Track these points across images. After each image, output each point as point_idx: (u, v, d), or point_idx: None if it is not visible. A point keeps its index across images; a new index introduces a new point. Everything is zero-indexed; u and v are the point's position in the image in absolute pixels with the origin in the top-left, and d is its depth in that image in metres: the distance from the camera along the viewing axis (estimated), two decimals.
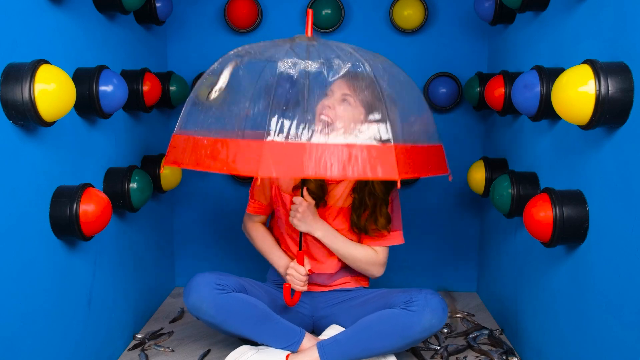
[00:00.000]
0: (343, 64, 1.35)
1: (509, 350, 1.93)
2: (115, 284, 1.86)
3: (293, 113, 1.28)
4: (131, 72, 1.92)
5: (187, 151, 1.32)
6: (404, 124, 1.36)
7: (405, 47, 2.45)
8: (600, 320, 1.35)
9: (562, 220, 1.43)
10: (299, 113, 1.28)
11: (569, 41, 1.57)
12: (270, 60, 1.40)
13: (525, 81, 1.62)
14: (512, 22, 2.09)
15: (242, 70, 1.43)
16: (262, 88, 1.38)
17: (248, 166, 1.24)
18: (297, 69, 1.34)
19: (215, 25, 2.46)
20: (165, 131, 2.43)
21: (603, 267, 1.34)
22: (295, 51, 1.38)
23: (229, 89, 1.40)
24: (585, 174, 1.45)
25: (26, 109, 1.23)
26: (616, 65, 1.25)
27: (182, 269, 2.59)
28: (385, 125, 1.29)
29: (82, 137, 1.63)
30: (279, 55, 1.38)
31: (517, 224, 1.97)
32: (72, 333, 1.56)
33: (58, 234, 1.45)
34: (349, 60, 1.37)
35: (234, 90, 1.40)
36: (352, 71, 1.36)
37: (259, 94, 1.37)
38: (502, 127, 2.19)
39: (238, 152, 1.26)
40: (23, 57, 1.29)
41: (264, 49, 1.46)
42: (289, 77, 1.34)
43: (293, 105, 1.31)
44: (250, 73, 1.42)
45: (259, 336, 1.80)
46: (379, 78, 1.36)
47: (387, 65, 1.44)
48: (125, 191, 1.76)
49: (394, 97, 1.36)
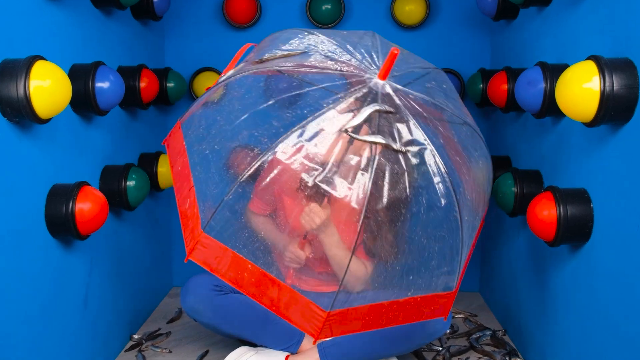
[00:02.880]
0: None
1: (512, 351, 1.94)
2: (111, 283, 1.86)
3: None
4: (128, 69, 1.92)
5: (223, 262, 1.29)
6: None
7: (407, 43, 2.44)
8: (605, 321, 1.35)
9: (566, 219, 1.43)
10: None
11: (573, 37, 1.57)
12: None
13: (529, 77, 1.62)
14: (515, 18, 2.09)
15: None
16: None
17: (304, 324, 1.27)
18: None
19: (214, 21, 2.46)
20: (162, 128, 2.43)
21: (608, 267, 1.34)
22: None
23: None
24: (590, 172, 1.45)
25: (21, 105, 1.23)
26: (621, 61, 1.25)
27: (180, 269, 2.59)
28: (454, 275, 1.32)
29: (78, 134, 1.63)
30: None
31: (520, 223, 1.97)
32: (67, 334, 1.56)
33: (53, 232, 1.45)
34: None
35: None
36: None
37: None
38: (505, 124, 2.19)
39: (292, 304, 1.28)
40: (18, 53, 1.29)
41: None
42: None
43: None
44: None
45: (258, 337, 1.80)
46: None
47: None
48: (121, 189, 1.76)
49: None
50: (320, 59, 1.35)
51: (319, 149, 1.25)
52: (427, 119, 1.31)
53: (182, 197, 1.35)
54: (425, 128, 1.28)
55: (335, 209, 1.41)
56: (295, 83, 1.33)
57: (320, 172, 1.25)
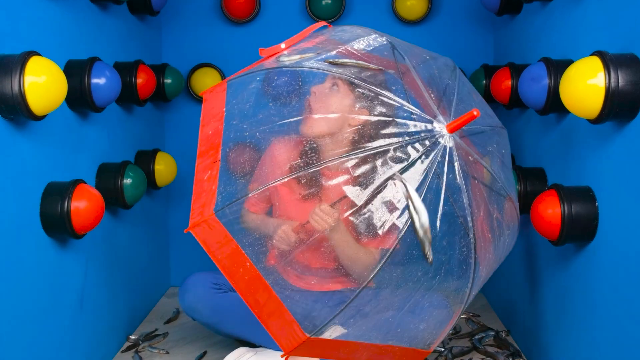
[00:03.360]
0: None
1: (515, 352, 1.94)
2: (108, 283, 1.86)
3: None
4: (124, 64, 1.92)
5: (223, 250, 1.30)
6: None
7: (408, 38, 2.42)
8: (610, 321, 1.35)
9: (570, 217, 1.43)
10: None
11: (577, 32, 1.57)
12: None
13: (533, 74, 1.62)
14: (518, 13, 2.08)
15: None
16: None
17: (280, 337, 1.30)
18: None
19: (212, 16, 2.46)
20: (159, 125, 2.43)
21: (613, 266, 1.35)
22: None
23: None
24: (595, 170, 1.45)
25: (16, 102, 1.23)
26: (626, 57, 1.25)
27: (177, 268, 2.59)
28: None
29: (74, 131, 1.63)
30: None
31: (524, 222, 1.97)
32: (63, 335, 1.56)
33: (48, 231, 1.45)
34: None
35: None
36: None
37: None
38: (509, 121, 2.19)
39: (275, 315, 1.30)
40: (12, 49, 1.29)
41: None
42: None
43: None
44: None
45: (257, 337, 1.80)
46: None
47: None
48: (118, 187, 1.76)
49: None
50: (397, 91, 1.36)
51: (365, 187, 1.28)
52: (475, 188, 1.34)
53: (203, 166, 1.33)
54: (468, 198, 1.30)
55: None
56: (369, 102, 1.35)
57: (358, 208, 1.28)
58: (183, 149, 2.48)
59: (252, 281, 1.29)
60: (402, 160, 1.27)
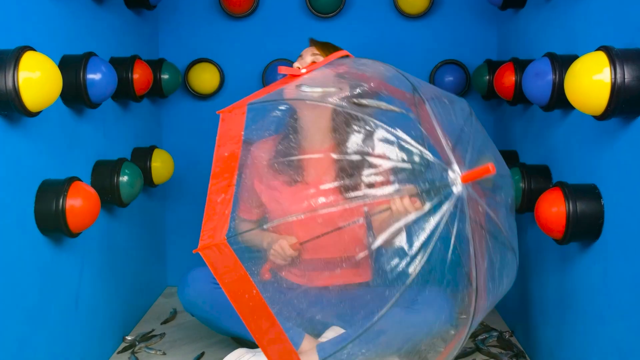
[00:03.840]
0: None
1: (519, 353, 1.94)
2: (103, 283, 1.86)
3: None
4: (120, 60, 1.92)
5: (230, 275, 1.30)
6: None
7: (410, 33, 2.45)
8: (615, 321, 1.35)
9: (575, 216, 1.43)
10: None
11: (582, 26, 1.56)
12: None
13: (537, 69, 1.62)
14: (522, 7, 2.08)
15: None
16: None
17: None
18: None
19: (209, 10, 2.46)
20: (156, 122, 2.43)
21: (618, 266, 1.34)
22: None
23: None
24: (600, 167, 1.44)
25: (10, 98, 1.23)
26: (633, 52, 1.24)
27: (174, 268, 2.60)
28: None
29: (69, 128, 1.62)
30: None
31: (528, 220, 1.97)
32: (58, 335, 1.56)
33: (43, 230, 1.45)
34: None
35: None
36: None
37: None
38: (513, 117, 2.19)
39: (276, 343, 1.32)
40: (6, 44, 1.29)
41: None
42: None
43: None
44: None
45: None
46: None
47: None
48: (114, 185, 1.76)
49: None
50: (415, 134, 1.38)
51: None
52: (481, 238, 1.36)
53: (217, 187, 1.34)
54: (474, 248, 1.32)
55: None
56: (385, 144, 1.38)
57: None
58: (180, 145, 2.48)
59: (256, 308, 1.31)
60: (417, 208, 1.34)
